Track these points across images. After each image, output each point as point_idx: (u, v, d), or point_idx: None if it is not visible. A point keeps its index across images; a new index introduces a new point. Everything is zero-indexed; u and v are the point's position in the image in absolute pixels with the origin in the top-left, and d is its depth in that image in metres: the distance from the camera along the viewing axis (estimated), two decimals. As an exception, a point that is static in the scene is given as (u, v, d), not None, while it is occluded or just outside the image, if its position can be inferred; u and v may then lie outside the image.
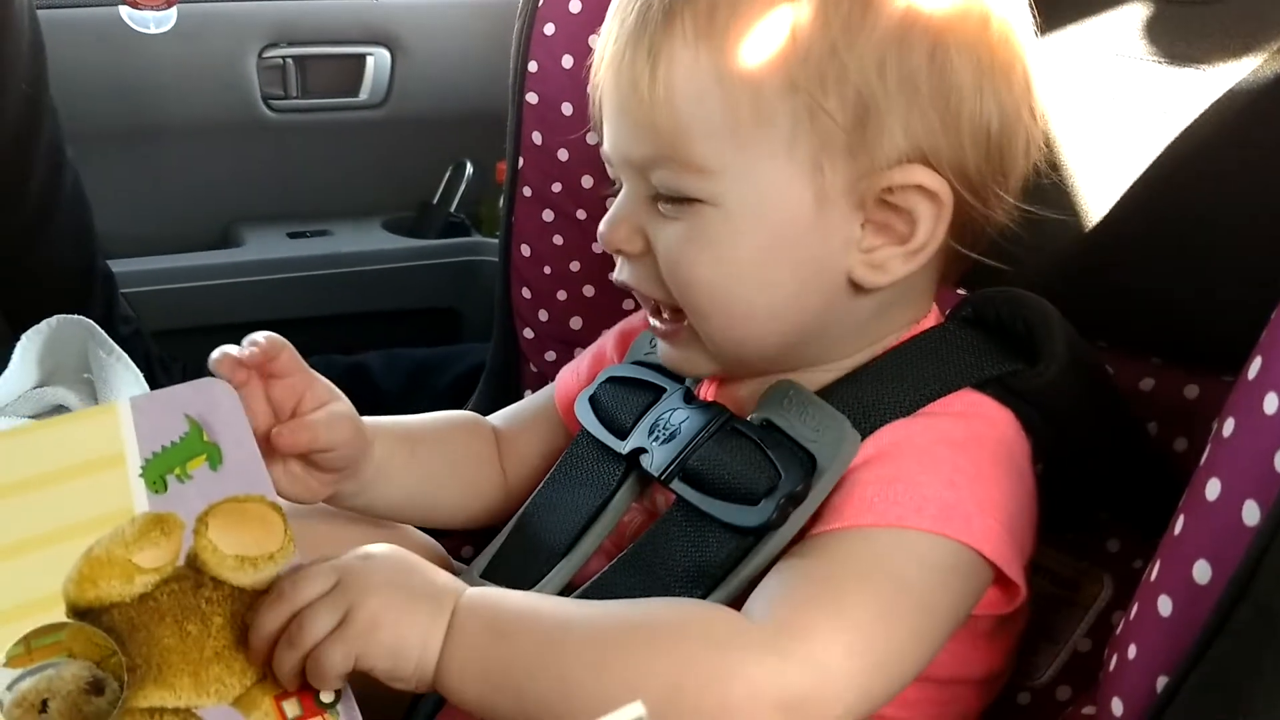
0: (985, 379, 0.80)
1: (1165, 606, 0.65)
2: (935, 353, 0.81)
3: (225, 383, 0.81)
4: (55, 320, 1.01)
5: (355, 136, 2.05)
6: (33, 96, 1.41)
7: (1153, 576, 0.68)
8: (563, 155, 1.18)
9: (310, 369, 0.86)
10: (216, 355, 0.82)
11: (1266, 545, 0.58)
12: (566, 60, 1.15)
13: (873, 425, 0.77)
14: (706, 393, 0.87)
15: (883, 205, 0.76)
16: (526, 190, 1.22)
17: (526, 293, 1.25)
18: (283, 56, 1.96)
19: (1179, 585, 0.64)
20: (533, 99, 1.18)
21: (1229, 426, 0.64)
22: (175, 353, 1.64)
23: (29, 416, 0.98)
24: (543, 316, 1.24)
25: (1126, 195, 0.87)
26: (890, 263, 0.78)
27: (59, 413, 0.99)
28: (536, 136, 1.19)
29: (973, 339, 0.82)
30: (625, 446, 0.87)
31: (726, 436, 0.81)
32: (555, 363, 1.23)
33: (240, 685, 0.69)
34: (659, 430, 0.85)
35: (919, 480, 0.73)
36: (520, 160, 1.21)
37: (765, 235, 0.76)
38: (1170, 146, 0.86)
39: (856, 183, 0.75)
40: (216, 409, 0.79)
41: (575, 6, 1.14)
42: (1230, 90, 0.84)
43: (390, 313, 1.99)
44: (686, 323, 0.81)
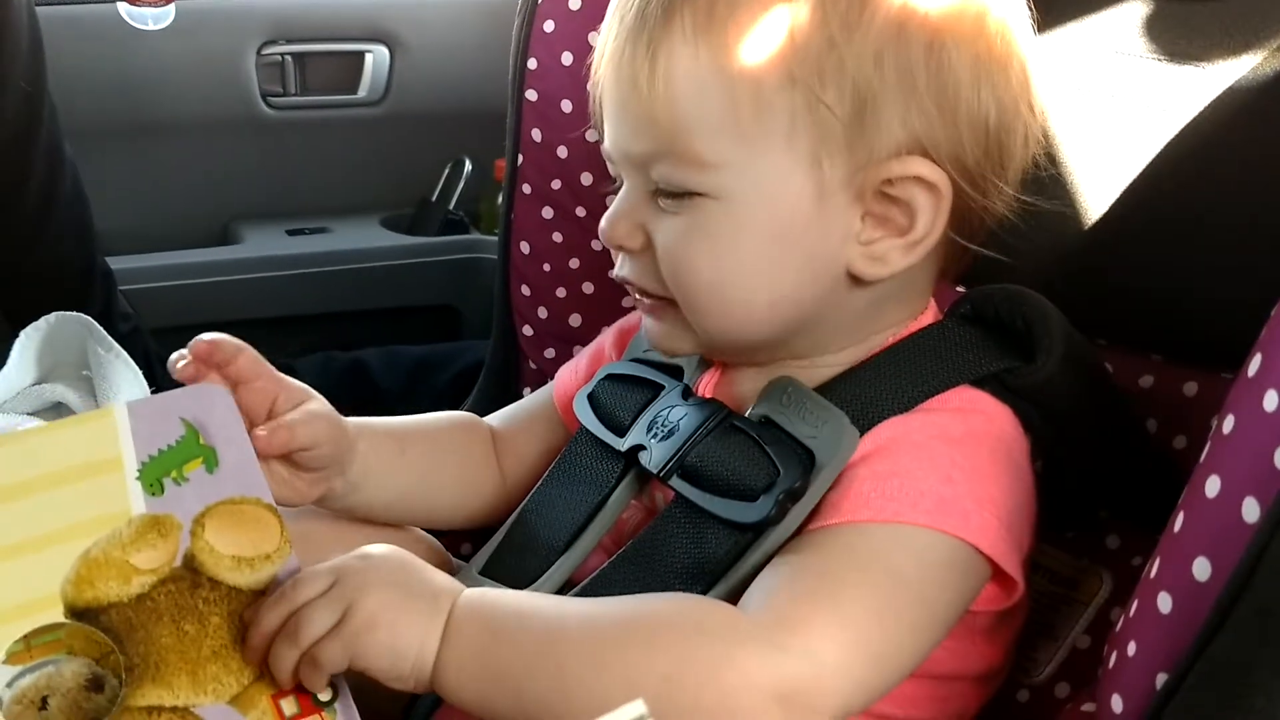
0: (984, 376, 0.81)
1: (1165, 604, 0.65)
2: (934, 349, 0.81)
3: (221, 387, 0.82)
4: (54, 317, 1.01)
5: (354, 134, 2.05)
6: (31, 94, 1.40)
7: (1152, 574, 0.68)
8: (562, 152, 1.18)
9: (277, 372, 0.86)
10: (172, 359, 0.84)
11: (1266, 543, 0.57)
12: (566, 57, 1.15)
13: (871, 421, 0.78)
14: (705, 389, 0.87)
15: (882, 197, 0.76)
16: (526, 187, 1.22)
17: (526, 290, 1.25)
18: (281, 53, 1.96)
19: (1179, 582, 0.64)
20: (532, 96, 1.18)
21: (1229, 424, 0.64)
22: (174, 350, 1.64)
23: (28, 413, 0.98)
24: (542, 314, 1.24)
25: (1126, 193, 0.87)
26: (890, 254, 0.78)
27: (58, 410, 0.99)
28: (536, 134, 1.19)
29: (971, 336, 0.82)
30: (624, 444, 0.87)
31: (725, 433, 0.81)
32: (555, 360, 1.23)
33: (238, 684, 0.70)
34: (658, 427, 0.85)
35: (916, 476, 0.74)
36: (520, 157, 1.21)
37: (766, 228, 0.77)
38: (1170, 144, 0.86)
39: (855, 175, 0.75)
40: (212, 412, 0.80)
41: (575, 4, 1.14)
42: (1230, 88, 0.84)
43: (389, 310, 1.99)
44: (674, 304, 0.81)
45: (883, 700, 0.72)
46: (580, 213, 1.20)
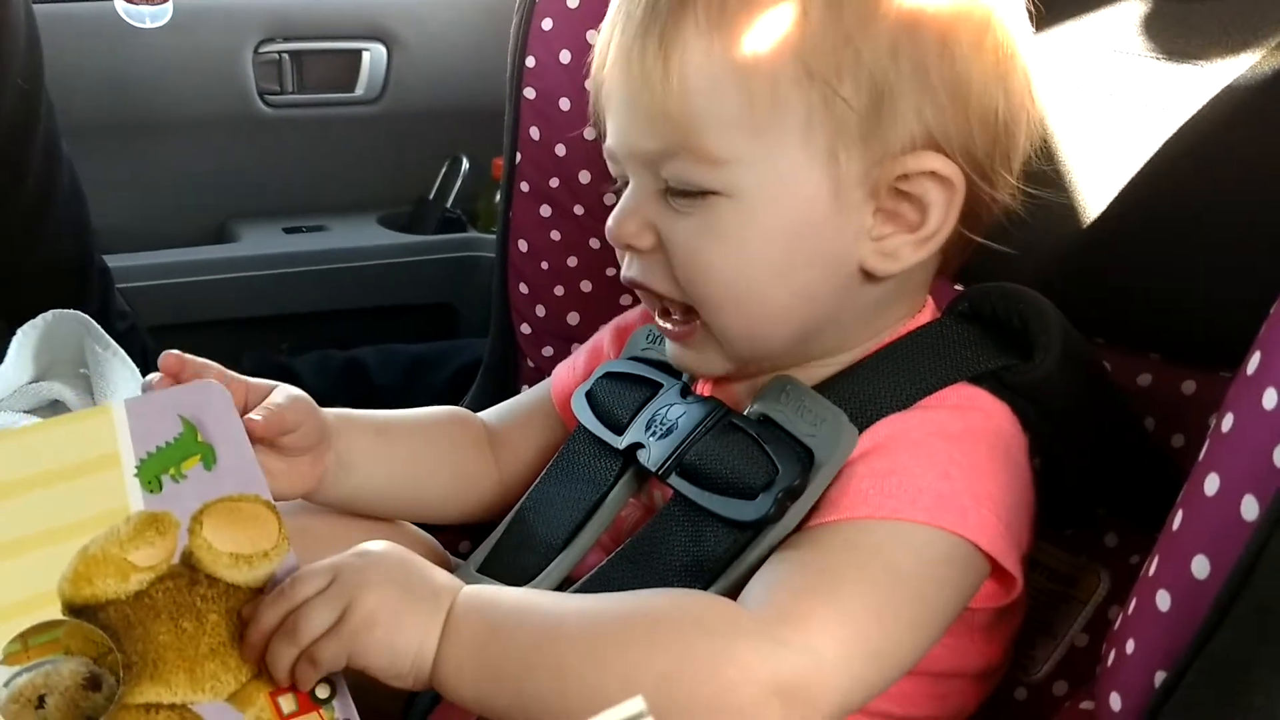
0: (981, 373, 0.80)
1: (1164, 602, 0.65)
2: (932, 347, 0.81)
3: (218, 384, 0.81)
4: (51, 315, 1.01)
5: (351, 132, 2.05)
6: (29, 91, 1.40)
7: (1151, 572, 0.68)
8: (560, 150, 1.18)
9: (239, 375, 0.86)
10: (144, 382, 0.84)
11: (1265, 540, 0.57)
12: (564, 55, 1.15)
13: (869, 419, 0.77)
14: (703, 388, 0.87)
15: (895, 193, 0.76)
16: (524, 185, 1.22)
17: (524, 288, 1.25)
18: (279, 51, 1.96)
19: (1177, 580, 0.64)
20: (530, 94, 1.18)
21: (1228, 422, 0.64)
22: (171, 348, 1.64)
23: (25, 411, 0.98)
24: (540, 312, 1.24)
25: (1124, 191, 0.87)
26: (901, 250, 0.78)
27: (55, 407, 0.99)
28: (534, 132, 1.19)
29: (969, 333, 0.82)
30: (622, 442, 0.87)
31: (724, 431, 0.81)
32: (552, 358, 1.23)
33: (236, 681, 0.70)
34: (656, 425, 0.85)
35: (914, 473, 0.74)
36: (518, 155, 1.21)
37: (782, 225, 0.76)
38: (1168, 143, 0.86)
39: (870, 170, 0.75)
40: (210, 409, 0.80)
41: (573, 2, 1.14)
42: (1228, 86, 0.84)
43: (386, 308, 1.99)
44: (699, 322, 0.80)
45: (881, 698, 0.72)
46: (578, 211, 1.20)
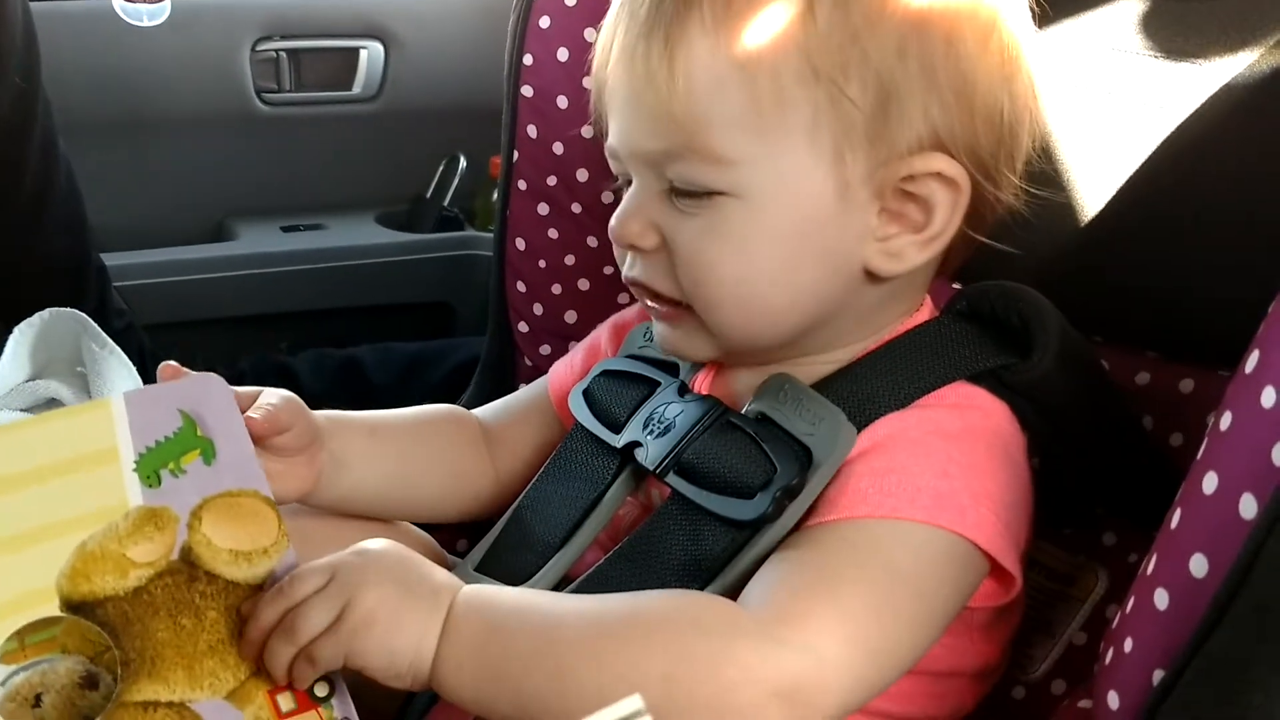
0: (980, 372, 0.80)
1: (1162, 600, 0.65)
2: (930, 346, 0.81)
3: (218, 378, 0.81)
4: (48, 313, 1.01)
5: (349, 130, 2.04)
6: (26, 89, 1.40)
7: (1149, 570, 0.68)
8: (558, 149, 1.18)
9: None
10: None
11: (1263, 539, 0.57)
12: (562, 53, 1.15)
13: (868, 418, 0.77)
14: (701, 386, 0.87)
15: (900, 194, 0.76)
16: (521, 184, 1.22)
17: (521, 286, 1.24)
18: (276, 50, 1.96)
19: (1176, 579, 0.64)
20: (528, 92, 1.18)
21: (1226, 420, 0.64)
22: (168, 346, 1.64)
23: (22, 410, 0.98)
24: (537, 310, 1.24)
25: (1123, 190, 0.87)
26: (906, 251, 0.77)
27: (52, 406, 0.99)
28: (532, 130, 1.19)
29: (967, 332, 0.82)
30: (620, 440, 0.87)
31: (721, 430, 0.81)
32: (550, 356, 1.23)
33: (234, 679, 0.69)
34: (654, 424, 0.85)
35: (913, 471, 0.73)
36: (515, 154, 1.21)
37: (788, 226, 0.76)
38: (1166, 141, 0.86)
39: (876, 170, 0.75)
40: (209, 404, 0.79)
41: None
42: (1227, 85, 0.84)
43: (384, 307, 1.98)
44: (689, 308, 0.80)
45: (880, 697, 0.72)
46: (576, 209, 1.20)
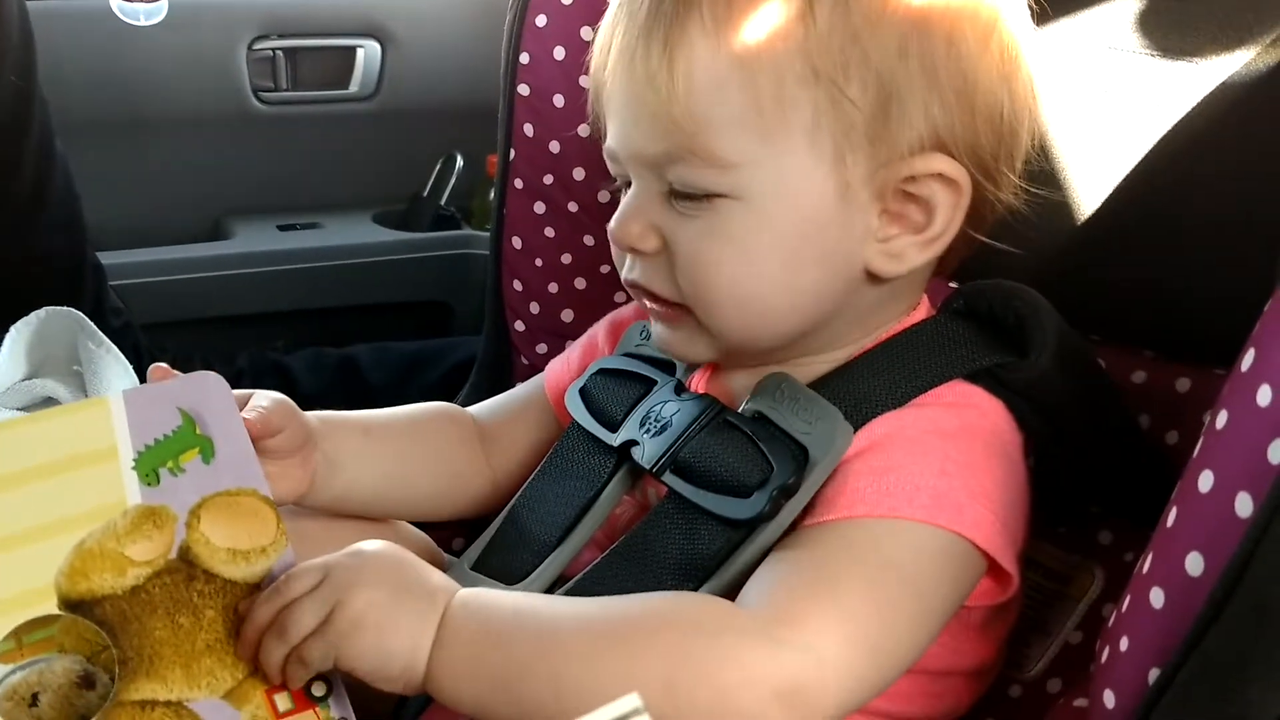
0: (977, 371, 0.80)
1: (1157, 599, 0.65)
2: (927, 344, 0.81)
3: (217, 376, 0.81)
4: (45, 312, 1.01)
5: (345, 129, 2.04)
6: (22, 88, 1.40)
7: (1145, 569, 0.68)
8: (554, 148, 1.18)
9: None
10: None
11: (1259, 537, 0.57)
12: (559, 52, 1.15)
13: (865, 417, 0.77)
14: (698, 385, 0.87)
15: (901, 195, 0.76)
16: (518, 183, 1.21)
17: (518, 285, 1.24)
18: (273, 49, 1.96)
19: (1171, 577, 0.64)
20: (524, 91, 1.18)
21: (1222, 419, 0.64)
22: (165, 345, 1.64)
23: (18, 409, 0.98)
24: (534, 309, 1.24)
25: (1120, 189, 0.88)
26: (907, 251, 0.77)
27: (48, 404, 0.99)
28: (528, 129, 1.19)
29: (964, 331, 0.82)
30: (616, 439, 0.87)
31: (718, 429, 0.81)
32: (547, 355, 1.23)
33: (232, 678, 0.69)
34: (650, 422, 0.85)
35: (912, 471, 0.73)
36: (512, 153, 1.21)
37: (789, 228, 0.76)
38: (1163, 140, 0.86)
39: (877, 171, 0.75)
40: (208, 402, 0.79)
41: (567, -2, 1.14)
42: (1223, 83, 0.84)
43: (381, 306, 1.98)
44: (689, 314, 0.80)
45: (877, 696, 0.72)
46: (573, 208, 1.20)
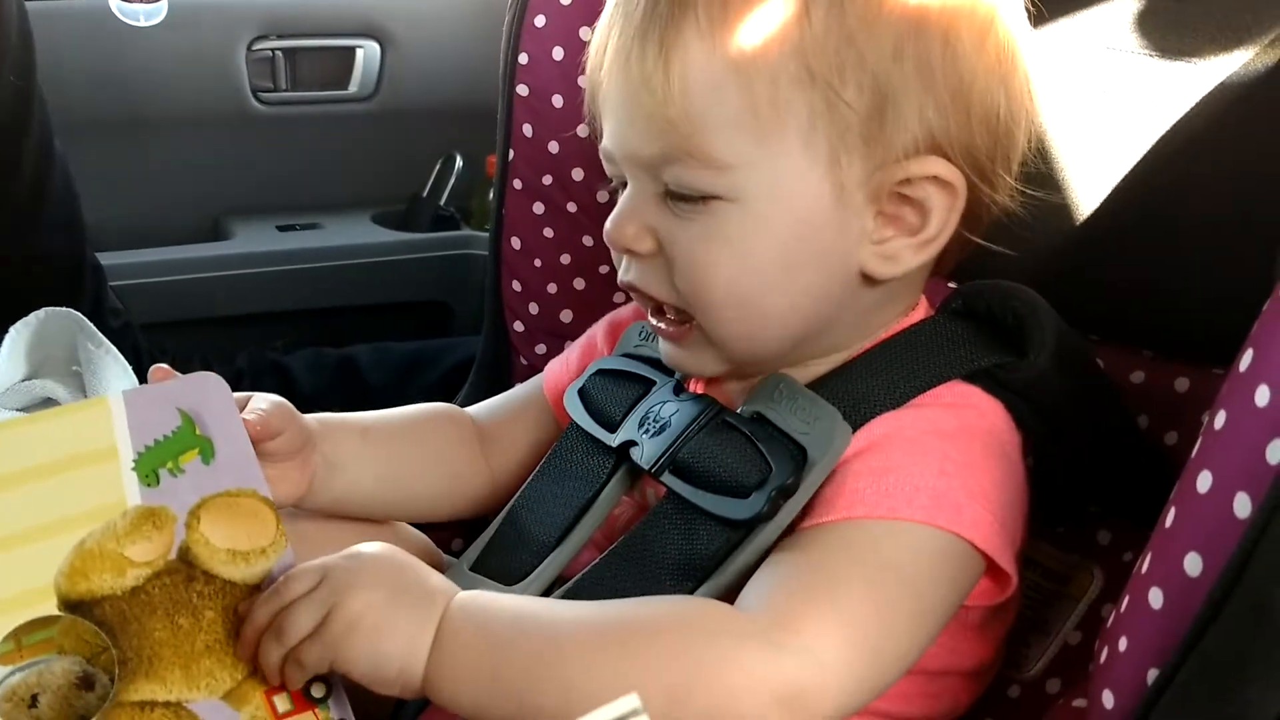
0: (975, 371, 0.80)
1: (1156, 599, 0.65)
2: (926, 345, 0.81)
3: (217, 377, 0.81)
4: (44, 312, 1.01)
5: (345, 129, 2.04)
6: (21, 88, 1.40)
7: (1143, 569, 0.68)
8: (553, 148, 1.18)
9: None
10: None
11: (1258, 537, 0.57)
12: (557, 52, 1.15)
13: (864, 417, 0.77)
14: (697, 385, 0.87)
15: (896, 197, 0.76)
16: (517, 183, 1.22)
17: (517, 286, 1.24)
18: (272, 49, 1.96)
19: (1170, 578, 0.64)
20: (523, 91, 1.18)
21: (1220, 419, 0.64)
22: (164, 345, 1.64)
23: (18, 409, 0.98)
24: (533, 309, 1.24)
25: (1118, 189, 0.88)
26: (902, 254, 0.77)
27: (48, 405, 0.99)
28: (527, 129, 1.19)
29: (963, 331, 0.82)
30: (615, 439, 0.87)
31: (717, 429, 0.81)
32: (545, 355, 1.23)
33: (231, 679, 0.69)
34: (649, 423, 0.85)
35: (911, 471, 0.73)
36: (511, 153, 1.21)
37: (785, 230, 0.76)
38: (1162, 140, 0.86)
39: (873, 173, 0.75)
40: (208, 403, 0.79)
41: (566, -2, 1.14)
42: (1222, 84, 0.84)
43: (380, 306, 1.98)
44: (693, 323, 0.80)
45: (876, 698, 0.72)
46: (571, 208, 1.20)
